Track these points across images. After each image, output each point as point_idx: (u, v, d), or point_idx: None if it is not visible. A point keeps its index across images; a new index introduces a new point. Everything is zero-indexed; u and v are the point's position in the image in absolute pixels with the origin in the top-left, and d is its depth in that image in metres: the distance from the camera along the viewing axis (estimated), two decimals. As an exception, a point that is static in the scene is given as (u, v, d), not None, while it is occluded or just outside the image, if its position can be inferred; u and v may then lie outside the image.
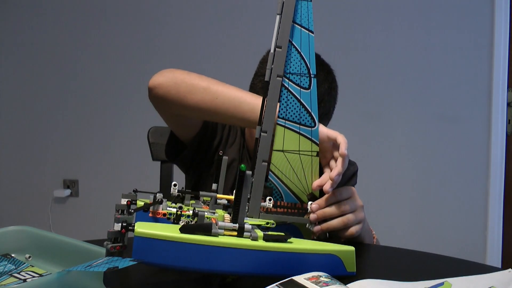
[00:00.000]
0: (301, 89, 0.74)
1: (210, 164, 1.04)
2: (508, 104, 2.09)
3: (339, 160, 0.76)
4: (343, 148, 0.76)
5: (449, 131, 2.08)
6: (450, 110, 2.08)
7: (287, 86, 0.74)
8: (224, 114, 0.84)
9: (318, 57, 0.97)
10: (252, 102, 0.83)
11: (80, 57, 2.37)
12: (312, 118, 0.75)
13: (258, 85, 1.00)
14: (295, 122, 0.75)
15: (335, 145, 0.79)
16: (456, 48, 2.07)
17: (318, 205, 0.78)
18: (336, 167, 0.76)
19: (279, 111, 0.74)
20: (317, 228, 0.78)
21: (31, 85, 2.46)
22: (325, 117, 0.98)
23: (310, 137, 0.75)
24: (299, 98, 0.74)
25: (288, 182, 0.77)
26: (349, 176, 1.08)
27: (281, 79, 0.73)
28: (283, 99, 0.74)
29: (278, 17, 0.73)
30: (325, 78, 0.97)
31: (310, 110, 0.75)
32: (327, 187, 0.76)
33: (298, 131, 0.75)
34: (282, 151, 0.75)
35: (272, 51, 0.73)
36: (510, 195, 2.10)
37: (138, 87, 2.28)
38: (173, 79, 0.87)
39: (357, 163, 1.13)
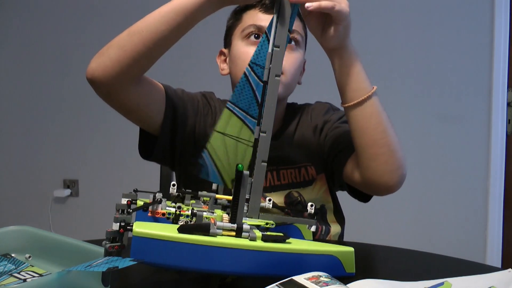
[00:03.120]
0: (260, 82, 0.74)
1: (191, 154, 0.98)
2: (508, 104, 2.08)
3: None
4: None
5: (449, 131, 2.08)
6: (450, 110, 2.08)
7: (248, 75, 0.73)
8: (164, 35, 0.80)
9: None
10: (173, 3, 0.80)
11: (79, 57, 2.36)
12: (260, 112, 0.75)
13: (231, 17, 1.02)
14: (243, 111, 0.74)
15: None
16: (456, 48, 2.07)
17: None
18: None
19: (232, 96, 0.73)
20: (308, 4, 0.75)
21: (31, 85, 2.46)
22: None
23: (253, 128, 0.75)
24: (254, 89, 0.74)
25: (218, 163, 0.75)
26: (340, 115, 1.04)
27: (279, 79, 0.72)
28: (240, 85, 0.73)
29: (275, 16, 0.73)
30: None
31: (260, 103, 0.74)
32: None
33: (243, 119, 0.74)
34: (223, 133, 0.74)
35: (269, 50, 0.72)
36: (510, 195, 2.10)
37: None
38: (98, 55, 0.84)
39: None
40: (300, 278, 0.59)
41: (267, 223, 0.70)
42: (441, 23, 2.07)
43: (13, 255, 0.71)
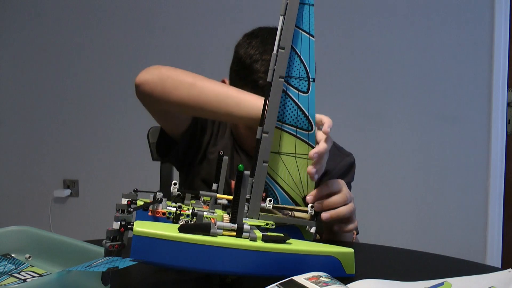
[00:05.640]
0: (300, 93, 0.74)
1: (202, 159, 1.05)
2: (508, 104, 2.08)
3: (321, 138, 0.76)
4: (325, 126, 0.75)
5: (449, 131, 2.08)
6: (450, 110, 2.08)
7: (286, 90, 0.74)
8: (210, 110, 0.84)
9: None
10: (238, 96, 0.83)
11: (80, 57, 2.37)
12: (309, 122, 0.75)
13: (233, 68, 1.01)
14: (292, 125, 0.75)
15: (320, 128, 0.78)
16: (456, 48, 2.07)
17: (313, 196, 0.77)
18: (317, 146, 0.75)
19: (278, 115, 0.74)
20: (325, 215, 0.77)
21: (31, 85, 2.46)
22: None
23: (307, 140, 0.75)
24: (297, 101, 0.74)
25: (283, 184, 0.77)
26: (345, 167, 1.06)
27: (283, 80, 0.73)
28: (282, 102, 0.74)
29: (281, 18, 0.73)
30: None
31: (307, 114, 0.75)
32: (310, 169, 0.75)
33: (295, 134, 0.75)
34: (278, 153, 0.75)
35: (274, 52, 0.72)
36: (510, 195, 2.10)
37: (138, 87, 2.28)
38: (159, 75, 0.88)
39: (356, 163, 1.12)
40: (300, 278, 0.59)
41: (267, 224, 0.70)
42: (441, 23, 2.07)
43: (13, 255, 0.71)
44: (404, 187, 2.13)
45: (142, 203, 0.68)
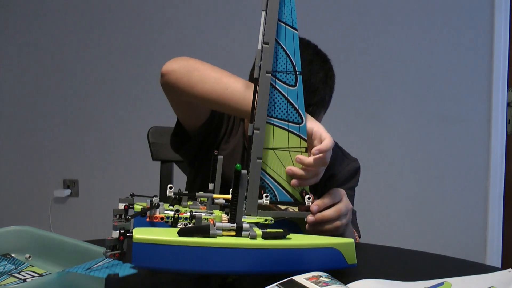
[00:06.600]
0: (288, 87, 0.75)
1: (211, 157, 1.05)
2: (508, 104, 2.08)
3: (313, 155, 0.76)
4: (315, 148, 0.74)
5: (449, 131, 2.08)
6: (450, 110, 2.08)
7: (274, 84, 0.74)
8: (233, 106, 0.84)
9: (315, 47, 0.99)
10: None
11: (80, 57, 2.37)
12: (300, 114, 0.76)
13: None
14: (283, 120, 0.75)
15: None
16: (456, 48, 2.07)
17: (318, 206, 0.77)
18: (306, 158, 0.76)
19: (267, 110, 0.74)
20: (309, 228, 0.78)
21: (31, 85, 2.46)
22: (320, 105, 0.97)
23: (299, 133, 0.76)
24: (286, 95, 0.75)
25: (280, 180, 0.76)
26: (350, 172, 1.06)
27: (270, 75, 0.73)
28: (271, 97, 0.74)
29: (263, 13, 0.73)
30: (321, 67, 0.96)
31: (297, 107, 0.75)
32: (294, 182, 0.76)
33: (287, 128, 0.75)
34: (272, 149, 0.75)
35: (259, 47, 0.72)
36: (510, 195, 2.10)
37: (138, 88, 2.28)
38: (186, 67, 0.88)
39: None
40: (300, 278, 0.59)
41: (266, 220, 0.70)
42: (441, 23, 2.07)
43: (13, 255, 0.71)
44: (404, 187, 2.13)
45: (139, 207, 0.67)
